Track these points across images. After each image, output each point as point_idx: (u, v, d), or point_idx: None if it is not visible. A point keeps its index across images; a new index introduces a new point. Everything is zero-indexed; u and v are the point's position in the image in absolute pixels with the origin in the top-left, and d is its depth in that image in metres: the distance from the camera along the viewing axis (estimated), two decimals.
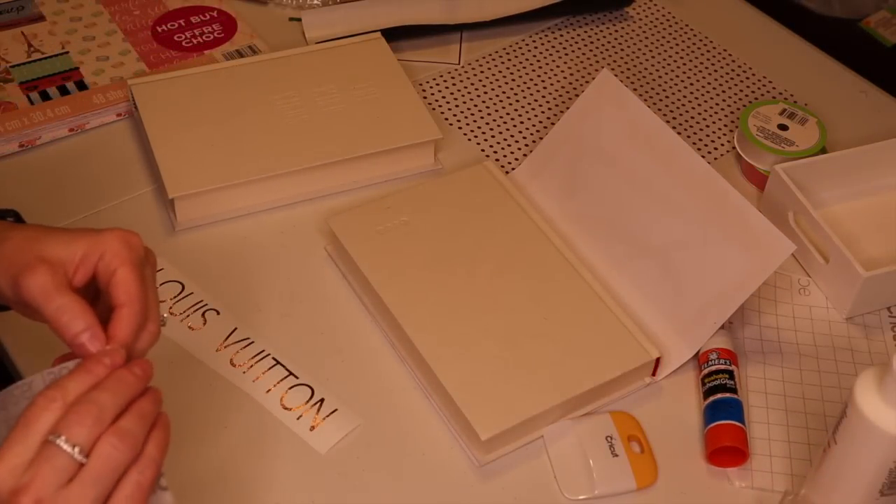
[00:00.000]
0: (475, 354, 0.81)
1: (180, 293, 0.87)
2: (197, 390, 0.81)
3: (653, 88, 1.12)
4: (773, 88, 1.13)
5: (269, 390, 0.81)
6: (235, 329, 0.85)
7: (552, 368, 0.81)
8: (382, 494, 0.76)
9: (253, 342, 0.84)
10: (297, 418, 0.79)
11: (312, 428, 0.79)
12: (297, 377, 0.82)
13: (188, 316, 0.85)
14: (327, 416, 0.80)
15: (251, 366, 0.82)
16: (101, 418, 0.56)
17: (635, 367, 0.82)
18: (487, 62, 1.13)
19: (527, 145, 1.04)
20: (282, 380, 0.82)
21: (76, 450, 0.54)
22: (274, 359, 0.83)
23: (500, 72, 1.12)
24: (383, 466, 0.78)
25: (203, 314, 0.85)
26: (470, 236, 0.90)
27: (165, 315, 0.84)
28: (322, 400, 0.81)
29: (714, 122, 1.09)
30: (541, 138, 1.00)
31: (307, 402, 0.80)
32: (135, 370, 0.59)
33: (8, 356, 0.83)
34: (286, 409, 0.80)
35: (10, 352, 0.83)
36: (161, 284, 0.86)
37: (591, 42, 1.17)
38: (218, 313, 0.86)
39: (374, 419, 0.80)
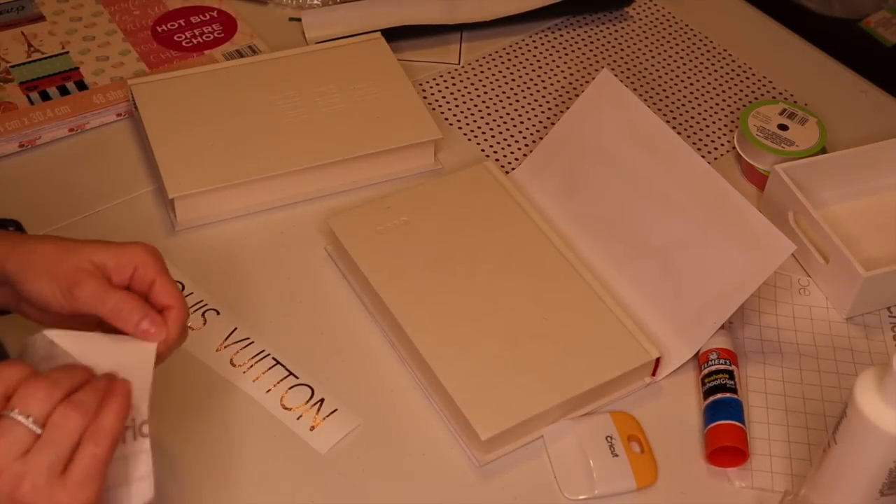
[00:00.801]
0: (475, 354, 0.81)
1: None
2: (197, 390, 0.81)
3: (653, 88, 1.12)
4: (773, 88, 1.13)
5: (269, 390, 0.81)
6: (235, 329, 0.85)
7: (552, 368, 0.81)
8: (382, 494, 0.76)
9: (253, 342, 0.84)
10: (297, 418, 0.79)
11: (312, 428, 0.79)
12: (297, 377, 0.82)
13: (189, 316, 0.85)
14: (327, 415, 0.80)
15: (251, 366, 0.82)
16: (53, 393, 0.57)
17: (635, 367, 0.82)
18: (487, 62, 1.13)
19: (527, 145, 1.04)
20: (282, 380, 0.82)
21: (30, 420, 0.56)
22: (274, 359, 0.83)
23: (500, 72, 1.12)
24: (383, 466, 0.78)
25: (203, 314, 0.85)
26: (470, 236, 0.90)
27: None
28: (322, 400, 0.81)
29: (714, 122, 1.09)
30: (541, 138, 1.00)
31: (307, 402, 0.80)
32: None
33: (8, 357, 0.83)
34: (286, 409, 0.80)
35: (11, 352, 0.83)
36: None
37: (591, 42, 1.17)
38: (218, 313, 0.86)
39: (374, 419, 0.80)
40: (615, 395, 0.83)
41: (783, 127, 1.01)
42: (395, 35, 1.10)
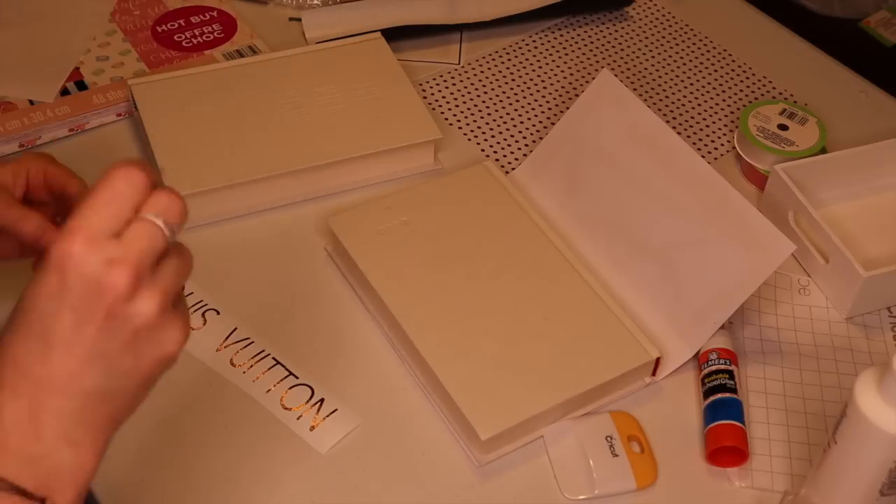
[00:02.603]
0: (475, 354, 0.81)
1: None
2: (197, 390, 0.81)
3: (653, 88, 1.12)
4: (773, 88, 1.13)
5: (269, 390, 0.81)
6: (235, 329, 0.85)
7: (552, 368, 0.81)
8: (382, 494, 0.76)
9: (253, 342, 0.84)
10: (298, 418, 0.79)
11: (312, 428, 0.79)
12: (297, 377, 0.82)
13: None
14: (327, 416, 0.80)
15: (251, 366, 0.82)
16: (178, 204, 0.56)
17: (635, 367, 0.82)
18: (487, 62, 1.13)
19: (527, 145, 1.04)
20: (282, 380, 0.82)
21: (167, 228, 0.54)
22: (274, 359, 0.83)
23: (500, 72, 1.12)
24: (383, 466, 0.78)
25: (203, 314, 0.85)
26: (470, 236, 0.90)
27: None
28: (322, 400, 0.81)
29: (714, 122, 1.09)
30: (541, 138, 1.00)
31: (307, 401, 0.80)
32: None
33: None
34: (286, 409, 0.80)
35: None
36: None
37: (591, 42, 1.17)
38: (218, 313, 0.86)
39: (374, 419, 0.80)
40: (615, 395, 0.83)
41: (783, 127, 1.01)
42: (395, 35, 1.10)
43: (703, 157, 0.90)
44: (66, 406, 0.53)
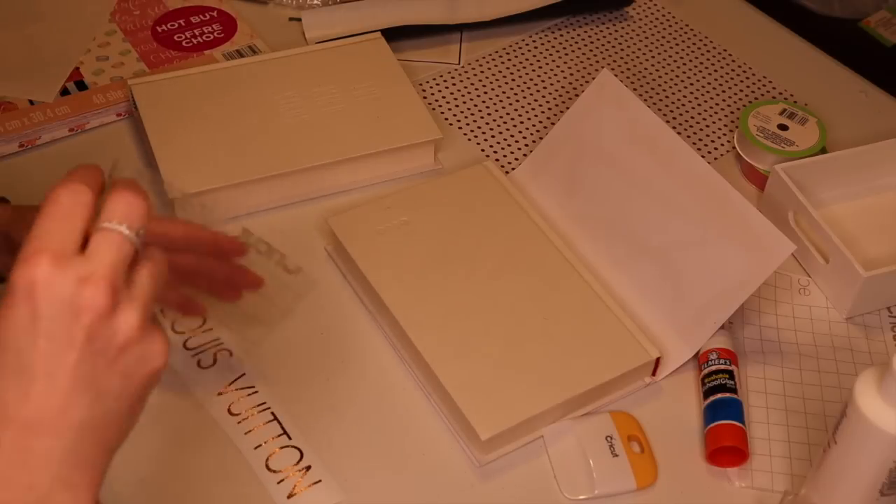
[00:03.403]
0: (475, 354, 0.81)
1: None
2: (187, 432, 0.79)
3: (653, 88, 1.12)
4: (773, 88, 1.13)
5: (259, 446, 0.77)
6: (243, 375, 0.82)
7: (552, 368, 0.81)
8: (383, 494, 0.76)
9: (257, 391, 0.81)
10: (279, 482, 0.76)
11: (290, 496, 0.75)
12: (290, 437, 0.78)
13: (200, 353, 0.83)
14: (310, 485, 0.76)
15: (247, 417, 0.79)
16: (138, 205, 0.52)
17: (635, 367, 0.82)
18: (487, 62, 1.13)
19: (527, 145, 1.04)
20: (274, 437, 0.78)
21: (132, 233, 0.51)
22: (272, 413, 0.79)
23: (500, 72, 1.12)
24: (384, 466, 0.78)
25: (215, 353, 0.83)
26: (470, 236, 0.90)
27: None
28: (308, 467, 0.77)
29: (714, 122, 1.09)
30: (541, 138, 1.00)
31: (294, 464, 0.77)
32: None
33: None
34: (270, 470, 0.76)
35: None
36: None
37: (591, 42, 1.17)
38: (231, 354, 0.83)
39: (374, 419, 0.80)
40: (615, 395, 0.83)
41: (783, 127, 1.01)
42: (395, 35, 1.10)
43: (703, 157, 0.90)
44: (57, 446, 0.49)
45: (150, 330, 0.51)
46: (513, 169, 1.00)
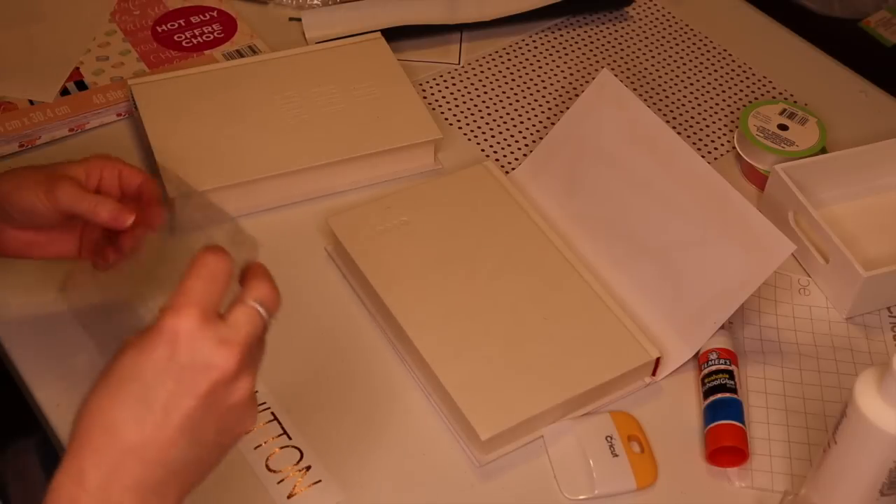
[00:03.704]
0: (475, 354, 0.81)
1: None
2: None
3: (653, 88, 1.12)
4: (773, 88, 1.13)
5: (259, 446, 0.77)
6: None
7: (552, 368, 0.81)
8: (382, 494, 0.76)
9: (257, 391, 0.80)
10: (279, 482, 0.76)
11: (290, 496, 0.75)
12: (290, 437, 0.78)
13: None
14: (309, 485, 0.76)
15: None
16: (276, 295, 0.60)
17: (635, 367, 0.82)
18: (487, 62, 1.13)
19: (527, 145, 1.04)
20: (275, 437, 0.78)
21: (268, 316, 0.58)
22: (272, 413, 0.79)
23: (500, 72, 1.12)
24: (384, 466, 0.78)
25: None
26: (470, 236, 0.90)
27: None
28: (309, 467, 0.77)
29: (714, 122, 1.09)
30: (541, 138, 1.00)
31: (294, 464, 0.77)
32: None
33: (8, 356, 0.83)
34: (270, 470, 0.76)
35: (11, 353, 0.83)
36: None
37: (591, 42, 1.17)
38: None
39: (374, 419, 0.80)
40: (615, 395, 0.83)
41: (783, 127, 1.01)
42: (395, 35, 1.10)
43: (703, 157, 0.90)
44: (150, 476, 0.54)
45: (252, 398, 0.58)
46: (513, 169, 1.00)
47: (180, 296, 0.55)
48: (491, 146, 1.03)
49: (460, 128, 1.05)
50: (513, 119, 1.07)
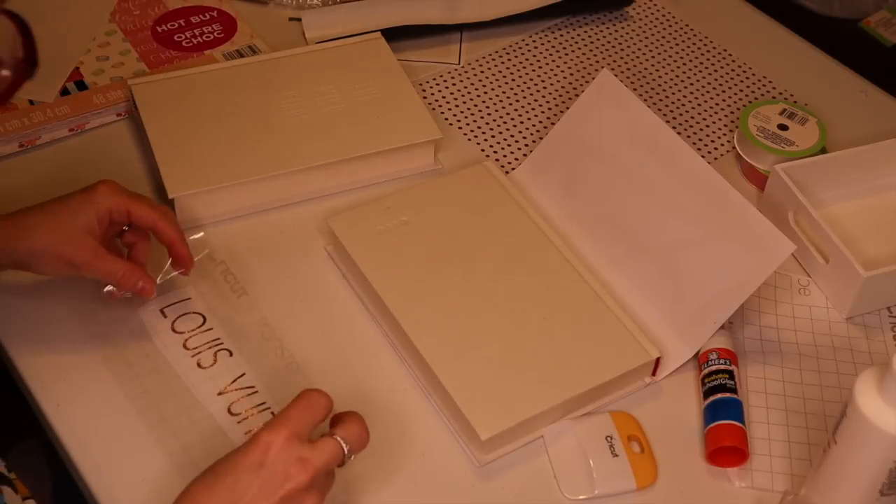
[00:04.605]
0: (475, 354, 0.81)
1: (183, 299, 0.87)
2: (189, 435, 0.78)
3: (653, 88, 1.12)
4: (773, 88, 1.13)
5: None
6: (243, 374, 0.82)
7: (552, 368, 0.81)
8: (382, 494, 0.76)
9: (257, 391, 0.81)
10: None
11: None
12: None
13: (200, 353, 0.83)
14: None
15: (247, 416, 0.79)
16: (364, 439, 0.71)
17: (635, 367, 0.82)
18: (487, 62, 1.13)
19: (527, 145, 1.04)
20: None
21: (350, 453, 0.69)
22: (272, 413, 0.79)
23: (500, 72, 1.12)
24: (383, 466, 0.78)
25: (215, 353, 0.83)
26: (470, 236, 0.90)
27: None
28: None
29: (714, 122, 1.09)
30: (541, 138, 1.00)
31: None
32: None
33: (8, 356, 0.83)
34: None
35: (10, 352, 0.83)
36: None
37: (591, 42, 1.17)
38: (230, 354, 0.83)
39: (374, 419, 0.80)
40: (615, 395, 0.83)
41: (783, 127, 1.01)
42: (395, 35, 1.10)
43: (703, 157, 0.90)
44: None
45: None
46: (513, 169, 1.00)
47: (280, 417, 0.68)
48: (491, 146, 1.03)
49: (460, 128, 1.05)
50: (513, 119, 1.07)
